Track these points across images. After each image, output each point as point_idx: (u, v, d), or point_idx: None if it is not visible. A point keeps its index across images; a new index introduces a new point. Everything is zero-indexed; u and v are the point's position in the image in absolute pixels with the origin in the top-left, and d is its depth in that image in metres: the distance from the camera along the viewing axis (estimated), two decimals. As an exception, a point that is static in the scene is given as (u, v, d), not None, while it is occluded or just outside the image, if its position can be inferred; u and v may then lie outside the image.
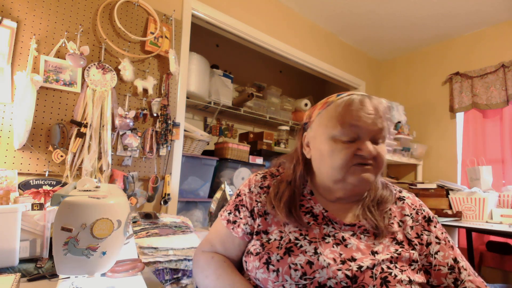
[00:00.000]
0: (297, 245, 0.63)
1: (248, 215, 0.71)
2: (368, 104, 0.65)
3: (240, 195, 0.76)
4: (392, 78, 3.27)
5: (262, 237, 0.67)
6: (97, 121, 1.45)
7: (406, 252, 0.63)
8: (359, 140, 0.64)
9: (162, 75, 1.73)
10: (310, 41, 2.64)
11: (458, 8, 2.35)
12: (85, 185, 0.68)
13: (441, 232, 0.69)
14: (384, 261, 0.60)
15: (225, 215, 0.75)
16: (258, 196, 0.72)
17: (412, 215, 0.70)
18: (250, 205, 0.72)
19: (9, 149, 1.26)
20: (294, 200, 0.68)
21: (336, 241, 0.63)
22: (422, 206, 0.73)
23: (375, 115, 0.64)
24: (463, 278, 0.64)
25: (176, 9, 1.82)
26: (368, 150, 0.62)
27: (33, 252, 0.85)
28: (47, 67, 1.36)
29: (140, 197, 1.60)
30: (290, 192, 0.69)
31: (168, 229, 1.27)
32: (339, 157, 0.63)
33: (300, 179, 0.72)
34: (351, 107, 0.64)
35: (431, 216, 0.71)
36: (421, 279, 0.61)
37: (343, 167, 0.63)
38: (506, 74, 2.38)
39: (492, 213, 2.04)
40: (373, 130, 0.64)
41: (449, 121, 2.75)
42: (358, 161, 0.63)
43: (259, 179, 0.76)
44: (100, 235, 0.55)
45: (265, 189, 0.73)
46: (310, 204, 0.70)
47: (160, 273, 1.09)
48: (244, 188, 0.76)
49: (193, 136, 1.99)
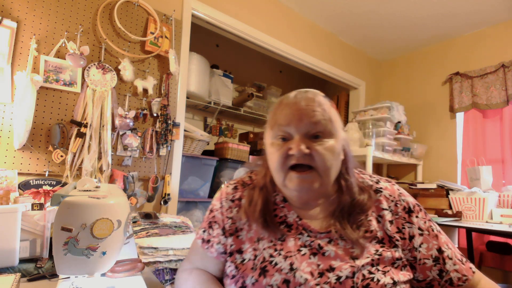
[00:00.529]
0: (272, 263, 0.59)
1: (220, 233, 0.67)
2: (299, 100, 0.60)
3: (213, 211, 0.71)
4: (392, 78, 3.27)
5: (236, 258, 0.64)
6: (97, 121, 1.45)
7: (388, 251, 0.59)
8: (291, 138, 0.60)
9: (162, 75, 1.73)
10: (310, 41, 2.64)
11: (458, 8, 2.35)
12: (85, 185, 0.68)
13: (423, 221, 0.64)
14: (364, 266, 0.56)
15: (200, 233, 0.72)
16: (229, 211, 0.68)
17: (391, 208, 0.64)
18: (222, 222, 0.68)
19: (9, 149, 1.26)
20: (268, 208, 0.64)
21: (313, 250, 0.59)
22: (402, 196, 0.66)
23: (303, 110, 0.59)
24: (447, 269, 0.61)
25: (176, 9, 1.82)
26: (297, 148, 0.57)
27: (33, 252, 0.85)
28: (47, 67, 1.36)
29: (140, 197, 1.60)
30: (263, 199, 0.64)
31: (168, 229, 1.27)
32: (273, 160, 0.61)
33: (271, 184, 0.67)
34: (281, 105, 0.61)
35: (411, 206, 0.65)
36: (406, 276, 0.58)
37: (279, 171, 0.60)
38: (506, 74, 2.38)
39: (492, 213, 2.03)
40: (302, 126, 0.59)
41: (449, 121, 2.75)
42: (293, 161, 0.58)
43: (230, 190, 0.71)
44: (100, 235, 0.55)
45: (236, 201, 0.69)
46: (283, 213, 0.65)
47: (160, 273, 1.09)
48: (216, 202, 0.72)
49: (193, 136, 1.99)
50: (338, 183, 0.65)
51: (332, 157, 0.60)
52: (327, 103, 0.63)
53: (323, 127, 0.59)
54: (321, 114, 0.60)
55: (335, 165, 0.62)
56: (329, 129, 0.60)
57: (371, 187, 0.67)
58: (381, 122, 2.56)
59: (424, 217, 0.65)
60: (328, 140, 0.60)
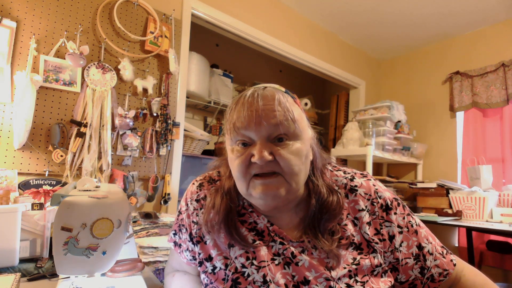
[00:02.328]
0: (244, 275, 0.55)
1: (188, 239, 0.63)
2: (257, 99, 0.53)
3: (181, 213, 0.66)
4: (392, 77, 3.27)
5: (206, 267, 0.59)
6: (97, 121, 1.45)
7: (366, 258, 0.55)
8: (253, 143, 0.53)
9: (162, 75, 1.73)
10: (310, 40, 2.64)
11: (459, 7, 2.35)
12: (85, 185, 0.68)
13: (402, 217, 0.59)
14: (341, 279, 0.52)
15: (171, 236, 0.68)
16: (194, 214, 0.63)
17: (367, 208, 0.59)
18: (188, 227, 0.63)
19: (9, 149, 1.26)
20: (232, 217, 0.58)
21: (286, 259, 0.55)
22: (378, 192, 0.60)
23: (262, 111, 0.52)
24: (428, 265, 0.58)
25: (176, 9, 1.82)
26: (259, 155, 0.51)
27: (33, 252, 0.85)
28: (47, 67, 1.36)
29: (140, 196, 1.60)
30: (226, 206, 0.58)
31: (168, 229, 1.27)
32: (235, 168, 0.55)
33: (235, 189, 0.60)
34: (238, 106, 0.54)
35: (389, 202, 0.60)
36: (387, 283, 0.55)
37: (242, 179, 0.54)
38: (506, 73, 2.38)
39: (492, 212, 2.03)
40: (264, 128, 0.52)
41: (449, 120, 2.75)
42: (256, 170, 0.53)
43: (195, 189, 0.65)
44: (100, 235, 0.55)
45: (201, 201, 0.63)
46: (253, 219, 0.60)
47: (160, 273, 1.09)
48: (183, 203, 0.66)
49: (193, 136, 1.98)
50: (307, 186, 0.59)
51: (299, 161, 0.54)
52: (290, 99, 0.56)
53: (286, 128, 0.53)
54: (283, 114, 0.52)
55: (304, 169, 0.55)
56: (293, 130, 0.53)
57: (346, 186, 0.61)
58: (381, 121, 2.56)
59: (403, 212, 0.60)
60: (293, 142, 0.54)
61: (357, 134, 2.52)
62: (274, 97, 0.54)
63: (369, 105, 2.71)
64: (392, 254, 0.58)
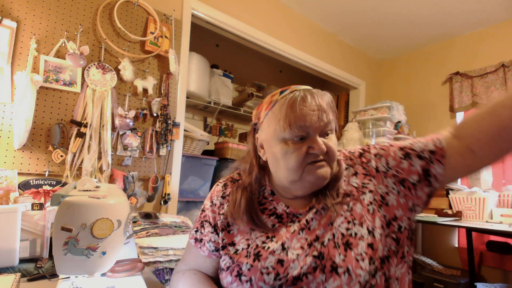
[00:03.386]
0: (264, 248, 0.62)
1: (211, 231, 0.70)
2: (311, 100, 0.63)
3: (204, 210, 0.74)
4: (392, 77, 3.27)
5: (229, 250, 0.66)
6: (97, 121, 1.45)
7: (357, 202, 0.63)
8: (309, 138, 0.62)
9: (162, 75, 1.73)
10: (310, 40, 2.64)
11: (459, 7, 2.35)
12: (85, 185, 0.68)
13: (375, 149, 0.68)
14: (341, 225, 0.61)
15: (193, 233, 0.74)
16: (221, 207, 0.71)
17: (348, 164, 0.69)
18: (213, 220, 0.71)
19: (9, 149, 1.26)
20: (253, 205, 0.67)
21: (301, 226, 0.63)
22: (352, 151, 0.72)
23: (319, 110, 0.62)
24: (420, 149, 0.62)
25: (176, 9, 1.82)
26: (320, 148, 0.61)
27: (33, 252, 0.85)
28: (47, 67, 1.36)
29: (140, 197, 1.60)
30: (247, 198, 0.67)
31: (168, 229, 1.27)
32: (292, 159, 0.62)
33: (256, 182, 0.70)
34: (295, 106, 0.62)
35: (360, 150, 0.71)
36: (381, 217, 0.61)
37: (298, 168, 0.62)
38: (506, 74, 2.38)
39: (492, 213, 2.03)
40: (320, 126, 0.62)
41: (449, 121, 2.74)
42: (312, 159, 0.62)
43: (220, 188, 0.74)
44: (100, 235, 0.55)
45: (227, 197, 0.71)
46: (272, 206, 0.69)
47: (160, 273, 1.09)
48: (207, 202, 0.74)
49: (193, 136, 1.99)
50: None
51: (337, 149, 0.65)
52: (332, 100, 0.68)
53: (332, 125, 0.65)
54: (332, 113, 0.65)
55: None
56: (334, 126, 0.66)
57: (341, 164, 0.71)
58: (381, 121, 2.56)
59: (376, 146, 0.69)
60: (333, 135, 0.65)
61: (357, 135, 2.52)
62: (325, 101, 0.64)
63: (369, 106, 2.71)
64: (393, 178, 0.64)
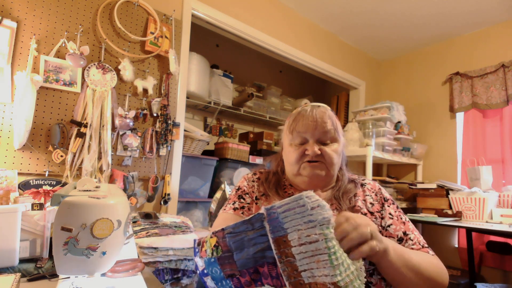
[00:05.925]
0: None
1: (251, 200, 0.84)
2: (312, 113, 0.79)
3: (241, 187, 0.88)
4: (392, 78, 3.27)
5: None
6: (97, 121, 1.45)
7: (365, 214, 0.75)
8: (307, 143, 0.79)
9: (162, 75, 1.73)
10: (310, 41, 2.64)
11: (458, 7, 2.35)
12: (85, 185, 0.68)
13: (394, 210, 0.79)
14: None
15: (230, 206, 0.84)
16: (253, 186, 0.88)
17: (371, 196, 0.81)
18: (251, 192, 0.86)
19: (9, 149, 1.26)
20: (279, 183, 0.86)
21: None
22: (381, 190, 0.84)
23: (317, 122, 0.78)
24: (406, 247, 0.71)
25: (176, 9, 1.82)
26: (312, 150, 0.77)
27: (33, 252, 0.85)
28: (47, 67, 1.36)
29: (140, 197, 1.60)
30: (276, 178, 0.87)
31: (168, 229, 1.27)
32: (293, 157, 0.80)
33: (281, 172, 0.90)
34: (298, 117, 0.81)
35: (386, 197, 0.82)
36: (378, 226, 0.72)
37: (296, 164, 0.79)
38: (506, 74, 2.38)
39: (492, 213, 2.03)
40: (316, 134, 0.78)
41: (449, 121, 2.75)
42: (307, 159, 0.78)
43: (251, 175, 0.93)
44: (100, 235, 0.55)
45: (257, 180, 0.89)
46: (291, 191, 0.85)
47: (160, 273, 1.09)
48: (242, 182, 0.91)
49: (193, 136, 1.99)
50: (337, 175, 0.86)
51: (336, 156, 0.80)
52: (334, 115, 0.84)
53: (331, 134, 0.79)
54: (330, 124, 0.79)
55: (338, 163, 0.81)
56: (335, 136, 0.80)
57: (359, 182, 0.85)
58: (381, 122, 2.56)
59: (395, 209, 0.80)
60: (333, 143, 0.80)
61: (357, 135, 2.52)
62: (326, 113, 0.81)
63: (369, 106, 2.71)
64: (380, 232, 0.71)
